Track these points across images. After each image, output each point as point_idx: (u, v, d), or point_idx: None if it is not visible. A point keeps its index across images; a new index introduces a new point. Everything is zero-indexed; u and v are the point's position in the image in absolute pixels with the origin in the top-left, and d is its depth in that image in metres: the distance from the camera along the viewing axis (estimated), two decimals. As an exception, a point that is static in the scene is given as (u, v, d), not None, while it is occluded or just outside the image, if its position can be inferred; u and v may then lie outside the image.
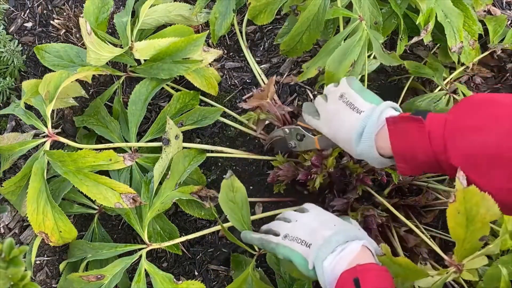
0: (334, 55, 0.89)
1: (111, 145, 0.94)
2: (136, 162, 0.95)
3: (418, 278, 0.72)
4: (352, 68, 0.90)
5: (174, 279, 0.86)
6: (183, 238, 0.93)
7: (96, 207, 1.00)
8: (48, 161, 0.86)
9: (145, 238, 0.89)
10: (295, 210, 0.81)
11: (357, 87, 0.80)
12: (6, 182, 0.91)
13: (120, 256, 0.89)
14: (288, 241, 0.73)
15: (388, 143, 0.72)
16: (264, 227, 0.82)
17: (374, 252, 0.69)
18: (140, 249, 0.89)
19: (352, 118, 0.77)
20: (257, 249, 0.87)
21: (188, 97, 1.03)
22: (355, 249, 0.66)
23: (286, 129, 0.95)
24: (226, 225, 0.90)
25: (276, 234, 0.76)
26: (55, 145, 1.04)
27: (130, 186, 0.95)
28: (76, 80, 1.06)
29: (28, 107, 1.00)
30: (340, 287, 0.64)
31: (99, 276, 0.83)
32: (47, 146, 0.88)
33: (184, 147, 0.96)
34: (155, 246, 0.90)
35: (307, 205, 0.81)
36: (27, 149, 0.90)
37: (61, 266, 0.96)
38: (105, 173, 0.94)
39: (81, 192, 0.97)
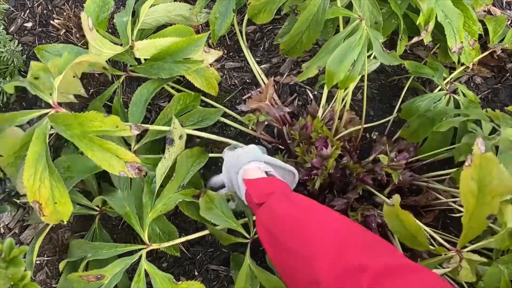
0: (335, 55, 0.89)
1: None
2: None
3: (416, 245, 0.72)
4: (352, 67, 0.90)
5: (174, 280, 0.86)
6: (183, 239, 0.93)
7: (97, 209, 1.00)
8: (51, 147, 0.83)
9: (145, 239, 0.89)
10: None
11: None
12: (5, 154, 0.86)
13: (120, 256, 0.89)
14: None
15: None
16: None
17: (267, 160, 0.88)
18: (140, 249, 0.89)
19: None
20: (248, 236, 0.90)
21: (189, 99, 1.03)
22: (247, 170, 0.85)
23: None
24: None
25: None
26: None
27: (130, 187, 0.95)
28: (79, 78, 1.05)
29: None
30: (248, 201, 0.83)
31: (99, 276, 0.83)
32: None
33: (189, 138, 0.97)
34: (155, 246, 0.90)
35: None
36: (29, 119, 0.85)
37: (61, 266, 0.96)
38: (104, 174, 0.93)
39: (82, 193, 0.98)
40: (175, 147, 0.91)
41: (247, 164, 0.86)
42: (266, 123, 1.05)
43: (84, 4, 1.04)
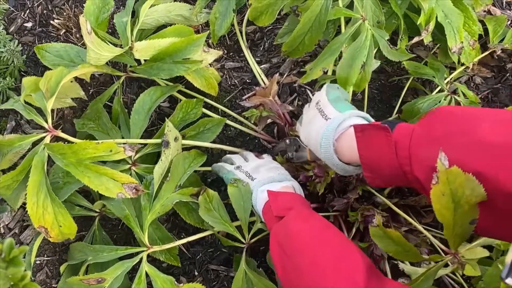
0: (343, 60, 0.89)
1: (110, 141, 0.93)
2: (136, 172, 0.95)
3: (410, 258, 0.73)
4: (362, 69, 0.90)
5: (175, 282, 0.86)
6: (183, 240, 0.93)
7: (97, 210, 1.00)
8: (48, 156, 0.85)
9: (146, 241, 0.89)
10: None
11: (332, 96, 0.82)
12: (3, 176, 0.89)
13: (120, 258, 0.89)
14: (239, 171, 0.92)
15: (348, 150, 0.74)
16: (227, 156, 1.02)
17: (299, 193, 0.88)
18: (140, 252, 0.89)
19: (320, 125, 0.79)
20: (245, 241, 0.90)
21: (190, 106, 1.03)
22: (280, 185, 0.86)
23: (287, 141, 0.98)
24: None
25: (232, 164, 0.96)
26: (55, 141, 1.03)
27: None
28: (76, 80, 1.06)
29: (28, 105, 0.99)
30: (264, 212, 0.83)
31: (99, 279, 0.83)
32: (47, 140, 0.87)
33: (184, 146, 0.96)
34: (156, 248, 0.90)
35: (265, 155, 1.00)
36: (26, 144, 0.88)
37: (62, 268, 0.95)
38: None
39: (82, 193, 0.98)
40: (171, 149, 0.91)
41: (282, 182, 0.87)
42: (268, 121, 1.06)
43: (84, 4, 1.04)
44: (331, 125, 0.76)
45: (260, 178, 0.88)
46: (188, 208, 0.95)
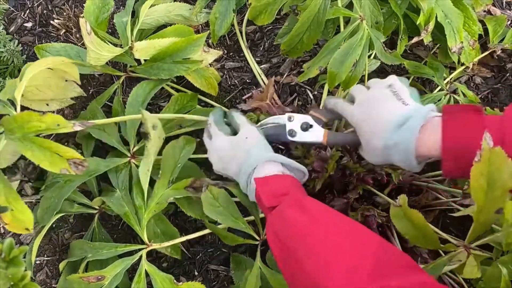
0: (336, 55, 0.89)
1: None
2: (135, 164, 0.95)
3: (427, 245, 0.71)
4: (354, 67, 0.90)
5: (175, 280, 0.86)
6: (183, 238, 0.93)
7: (96, 207, 1.00)
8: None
9: (145, 239, 0.89)
10: None
11: (406, 83, 0.80)
12: None
13: (120, 256, 0.89)
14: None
15: (425, 142, 0.68)
16: None
17: (283, 161, 0.80)
18: (140, 249, 0.89)
19: (396, 106, 0.74)
20: (258, 238, 0.87)
21: (186, 99, 1.03)
22: (261, 169, 0.78)
23: (291, 116, 0.85)
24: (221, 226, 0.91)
25: None
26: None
27: (129, 188, 0.94)
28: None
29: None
30: (257, 200, 0.78)
31: (99, 277, 0.83)
32: None
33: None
34: (155, 246, 0.90)
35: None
36: None
37: (61, 266, 0.96)
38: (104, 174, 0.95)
39: (81, 193, 0.98)
40: (152, 140, 0.85)
41: (262, 165, 0.79)
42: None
43: (84, 4, 1.04)
44: (420, 111, 0.70)
45: (239, 176, 0.82)
46: (189, 200, 0.92)
